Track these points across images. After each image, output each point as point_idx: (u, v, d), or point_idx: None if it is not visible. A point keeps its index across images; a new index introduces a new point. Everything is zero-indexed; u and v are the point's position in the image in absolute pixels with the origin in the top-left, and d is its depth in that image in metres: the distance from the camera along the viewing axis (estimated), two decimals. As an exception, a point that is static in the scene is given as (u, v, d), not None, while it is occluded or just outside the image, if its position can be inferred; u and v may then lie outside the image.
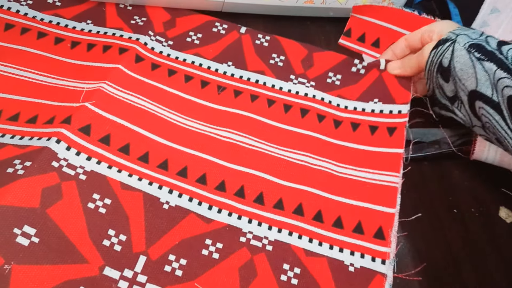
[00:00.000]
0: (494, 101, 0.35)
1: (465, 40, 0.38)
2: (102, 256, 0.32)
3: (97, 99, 0.38)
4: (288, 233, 0.37)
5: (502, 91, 0.34)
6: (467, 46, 0.37)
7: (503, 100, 0.34)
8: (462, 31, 0.39)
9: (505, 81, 0.34)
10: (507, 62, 0.35)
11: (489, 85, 0.35)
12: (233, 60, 0.45)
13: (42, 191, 0.32)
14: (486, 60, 0.36)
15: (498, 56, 0.35)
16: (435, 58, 0.40)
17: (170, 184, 0.36)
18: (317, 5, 0.49)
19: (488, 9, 0.49)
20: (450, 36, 0.39)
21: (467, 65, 0.37)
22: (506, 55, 0.35)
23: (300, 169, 0.40)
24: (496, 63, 0.35)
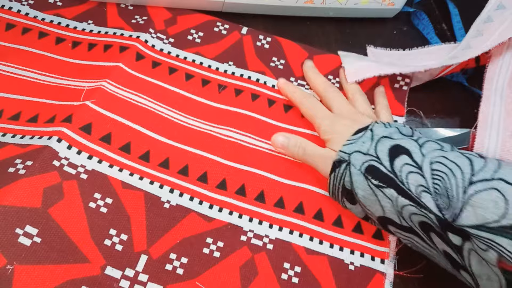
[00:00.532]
0: (406, 227, 0.32)
1: (359, 160, 0.34)
2: (104, 256, 0.32)
3: (97, 97, 0.39)
4: (289, 231, 0.37)
5: (410, 218, 0.31)
6: (363, 171, 0.33)
7: (414, 225, 0.32)
8: (352, 147, 0.35)
9: (410, 209, 0.31)
10: (405, 188, 0.31)
11: (395, 212, 0.32)
12: (233, 60, 0.45)
13: (43, 191, 0.32)
14: (385, 186, 0.32)
15: (394, 180, 0.32)
16: (336, 182, 0.36)
17: (171, 183, 0.37)
18: (317, 5, 0.49)
19: (495, 5, 0.48)
20: (343, 157, 0.35)
21: (368, 192, 0.33)
22: (401, 177, 0.31)
23: (301, 168, 0.40)
24: (395, 189, 0.32)
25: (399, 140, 0.34)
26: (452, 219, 0.29)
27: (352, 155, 0.35)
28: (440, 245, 0.31)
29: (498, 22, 0.46)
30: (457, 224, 0.29)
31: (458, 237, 0.29)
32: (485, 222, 0.27)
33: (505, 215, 0.27)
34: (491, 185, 0.28)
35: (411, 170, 0.31)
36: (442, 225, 0.29)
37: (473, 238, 0.28)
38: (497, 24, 0.46)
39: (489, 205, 0.27)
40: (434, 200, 0.30)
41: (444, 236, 0.30)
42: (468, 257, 0.29)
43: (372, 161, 0.33)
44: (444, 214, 0.29)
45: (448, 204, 0.29)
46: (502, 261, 0.27)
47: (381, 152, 0.33)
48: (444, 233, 0.30)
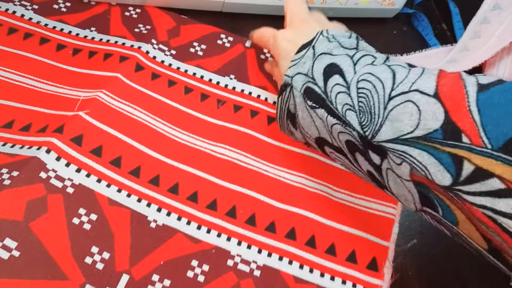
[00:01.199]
0: (337, 146, 0.33)
1: (300, 82, 0.34)
2: (84, 274, 0.31)
3: (92, 108, 0.38)
4: (278, 258, 0.35)
5: (338, 137, 0.32)
6: (302, 92, 0.34)
7: (342, 145, 0.32)
8: (295, 69, 0.35)
9: (337, 127, 0.31)
10: (332, 107, 0.31)
11: (326, 132, 0.33)
12: (235, 74, 0.44)
13: (26, 204, 0.32)
14: (318, 107, 0.33)
15: (325, 100, 0.32)
16: (282, 104, 0.36)
17: (159, 201, 0.36)
18: (317, 5, 0.49)
19: (491, 5, 0.47)
20: (287, 81, 0.35)
21: (305, 113, 0.34)
22: (331, 97, 0.32)
23: (295, 191, 0.39)
24: (325, 109, 0.32)
25: (336, 57, 0.33)
26: (372, 135, 0.29)
27: (294, 77, 0.35)
28: (364, 165, 0.31)
29: (496, 24, 0.45)
30: (376, 140, 0.29)
31: (377, 155, 0.29)
32: (400, 134, 0.27)
33: (418, 125, 0.27)
34: (408, 97, 0.28)
35: (340, 90, 0.31)
36: (364, 142, 0.30)
37: (389, 152, 0.28)
38: (495, 26, 0.45)
39: (404, 118, 0.27)
40: (358, 118, 0.30)
41: (367, 155, 0.30)
42: (386, 177, 0.30)
43: (309, 82, 0.34)
44: (365, 131, 0.29)
45: (369, 121, 0.29)
46: (413, 173, 0.27)
47: (316, 72, 0.33)
48: (366, 151, 0.30)
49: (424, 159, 0.26)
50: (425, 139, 0.26)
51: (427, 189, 0.27)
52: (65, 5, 0.46)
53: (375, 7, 0.50)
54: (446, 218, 0.27)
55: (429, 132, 0.26)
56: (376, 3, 0.50)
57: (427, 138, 0.26)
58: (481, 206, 0.24)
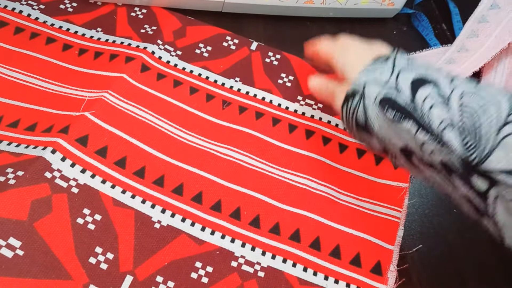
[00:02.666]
0: (427, 162, 0.29)
1: (374, 92, 0.30)
2: (87, 274, 0.31)
3: (97, 108, 0.38)
4: (282, 260, 0.35)
5: (431, 156, 0.28)
6: (378, 103, 0.30)
7: (435, 163, 0.28)
8: (367, 76, 0.31)
9: (430, 146, 0.28)
10: (424, 123, 0.28)
11: (416, 147, 0.29)
12: (240, 77, 0.44)
13: (31, 204, 0.32)
14: (402, 120, 0.29)
15: (413, 113, 0.28)
16: (349, 114, 0.33)
17: (164, 202, 0.36)
18: (317, 5, 0.49)
19: (488, 4, 0.47)
20: (357, 89, 0.32)
21: (385, 126, 0.30)
22: (422, 110, 0.28)
23: (300, 193, 0.39)
24: (414, 123, 0.28)
25: (425, 72, 0.30)
26: (478, 160, 0.26)
27: (367, 86, 0.31)
28: (462, 189, 0.28)
29: (494, 23, 0.45)
30: (484, 167, 0.25)
31: (484, 181, 0.26)
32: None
33: None
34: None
35: (435, 102, 0.28)
36: (466, 166, 0.26)
37: (502, 184, 0.25)
38: (493, 25, 0.45)
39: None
40: (460, 137, 0.26)
41: (467, 180, 0.27)
42: (493, 204, 0.26)
43: (390, 92, 0.30)
44: (471, 153, 0.26)
45: (476, 143, 0.26)
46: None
47: (402, 83, 0.29)
48: (468, 176, 0.26)
49: None
50: None
51: None
52: (72, 5, 0.46)
53: (375, 7, 0.51)
54: None
55: None
56: (376, 3, 0.50)
57: None
58: None
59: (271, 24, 0.50)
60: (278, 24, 0.50)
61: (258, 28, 0.49)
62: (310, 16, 0.51)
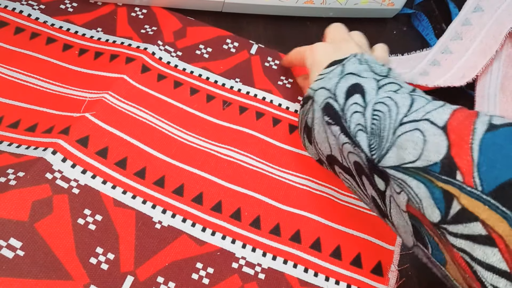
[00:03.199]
0: (346, 167, 0.32)
1: (321, 97, 0.34)
2: (88, 274, 0.31)
3: (98, 109, 0.38)
4: (283, 261, 0.35)
5: (348, 157, 0.31)
6: (322, 106, 0.33)
7: (351, 166, 0.31)
8: (320, 83, 0.35)
9: (347, 147, 0.31)
10: (345, 126, 0.31)
11: (338, 150, 0.32)
12: (240, 77, 0.44)
13: (32, 204, 0.32)
14: (333, 124, 0.32)
15: (341, 118, 0.32)
16: (302, 116, 0.36)
17: (164, 203, 0.36)
18: (317, 5, 0.49)
19: (472, 6, 0.47)
20: (310, 94, 0.35)
21: (321, 128, 0.34)
22: (346, 115, 0.31)
23: (300, 194, 0.39)
24: (339, 126, 0.31)
25: (362, 79, 0.33)
26: (378, 159, 0.28)
27: (317, 91, 0.34)
28: (369, 190, 0.30)
29: (477, 26, 0.45)
30: (381, 165, 0.28)
31: (381, 180, 0.28)
32: (403, 162, 0.26)
33: (420, 156, 0.26)
34: (417, 125, 0.27)
35: (357, 110, 0.31)
36: (370, 165, 0.29)
37: (391, 179, 0.27)
38: (476, 28, 0.45)
39: (409, 146, 0.26)
40: (368, 139, 0.29)
41: (372, 179, 0.29)
42: (389, 204, 0.29)
43: (330, 98, 0.33)
44: (373, 154, 0.29)
45: (378, 145, 0.29)
46: (409, 204, 0.26)
47: (339, 90, 0.33)
48: (372, 175, 0.29)
49: (420, 191, 0.25)
50: (425, 170, 0.25)
51: (420, 223, 0.26)
52: (72, 5, 0.46)
53: (375, 7, 0.51)
54: (435, 257, 0.26)
55: (429, 164, 0.25)
56: (376, 3, 0.50)
57: (426, 170, 0.25)
58: (460, 250, 0.23)
59: (271, 24, 0.50)
60: (278, 24, 0.50)
61: (258, 28, 0.49)
62: (310, 16, 0.51)
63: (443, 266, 0.26)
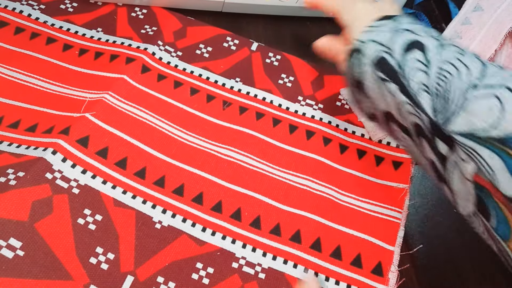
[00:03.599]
0: (403, 125, 0.30)
1: (372, 50, 0.31)
2: (88, 274, 0.31)
3: (98, 110, 0.38)
4: (283, 261, 0.35)
5: (407, 117, 0.29)
6: (372, 62, 0.31)
7: (409, 126, 0.30)
8: (370, 35, 0.32)
9: (407, 107, 0.29)
10: (405, 84, 0.29)
11: (395, 109, 0.30)
12: (241, 77, 0.44)
13: (32, 204, 0.32)
14: (389, 80, 0.30)
15: (399, 75, 0.29)
16: (349, 70, 0.34)
17: (164, 203, 0.36)
18: None
19: (472, 6, 0.47)
20: (357, 46, 0.33)
21: (375, 85, 0.31)
22: (407, 73, 0.29)
23: (301, 194, 0.39)
24: (398, 84, 0.29)
25: (420, 37, 0.30)
26: (443, 122, 0.26)
27: (366, 44, 0.32)
28: (428, 153, 0.29)
29: (477, 26, 0.45)
30: (447, 130, 0.26)
31: (445, 145, 0.27)
32: (474, 130, 0.25)
33: (497, 125, 0.24)
34: (494, 92, 0.25)
35: (419, 67, 0.29)
36: (433, 128, 0.27)
37: (458, 146, 0.26)
38: (476, 28, 0.45)
39: (483, 113, 0.25)
40: (432, 101, 0.27)
41: (433, 142, 0.28)
42: (452, 170, 0.27)
43: (384, 52, 0.31)
44: (437, 117, 0.27)
45: (443, 107, 0.27)
46: (478, 174, 0.25)
47: (396, 44, 0.30)
48: (433, 139, 0.27)
49: (494, 163, 0.24)
50: (502, 142, 0.24)
51: (488, 195, 0.25)
52: (72, 5, 0.46)
53: (374, 7, 0.51)
54: (499, 231, 0.25)
55: (508, 135, 0.23)
56: (376, 3, 0.50)
57: (504, 142, 0.23)
58: None
59: (271, 24, 0.50)
60: (278, 24, 0.50)
61: (258, 28, 0.49)
62: (310, 16, 0.51)
63: (504, 242, 0.25)
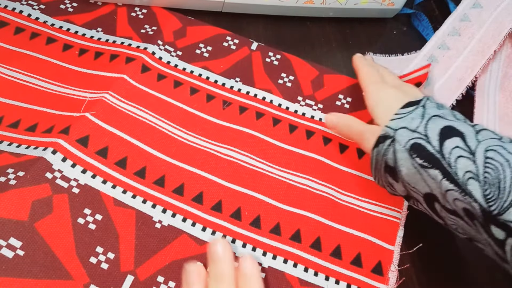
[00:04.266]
0: (450, 209, 0.31)
1: (405, 137, 0.32)
2: (88, 274, 0.31)
3: (98, 109, 0.38)
4: (283, 260, 0.35)
5: (454, 203, 0.30)
6: (408, 148, 0.32)
7: (458, 210, 0.30)
8: (400, 122, 0.33)
9: (454, 194, 0.29)
10: (451, 171, 0.29)
11: (439, 193, 0.31)
12: (241, 77, 0.44)
13: (32, 204, 0.32)
14: (430, 167, 0.30)
15: (441, 162, 0.30)
16: (379, 157, 0.34)
17: (164, 202, 0.36)
18: (317, 5, 0.49)
19: (471, 2, 0.47)
20: (388, 133, 0.33)
21: (412, 171, 0.32)
22: (449, 159, 0.30)
23: (301, 193, 0.39)
24: (440, 171, 0.30)
25: (453, 122, 0.32)
26: (498, 212, 0.27)
27: (398, 131, 0.33)
28: (483, 235, 0.29)
29: (477, 24, 0.45)
30: (503, 219, 0.27)
31: (501, 231, 0.27)
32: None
33: None
34: None
35: (462, 154, 0.29)
36: (486, 216, 0.28)
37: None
38: (476, 26, 0.45)
39: None
40: (482, 189, 0.28)
41: (487, 228, 0.28)
42: (510, 252, 0.27)
43: (420, 139, 0.31)
44: (491, 205, 0.27)
45: (497, 196, 0.27)
46: None
47: (431, 131, 0.31)
48: (487, 225, 0.28)
49: None
50: None
51: None
52: (72, 5, 0.46)
53: (375, 7, 0.51)
54: None
55: None
56: (376, 3, 0.50)
57: None
58: None
59: (271, 24, 0.50)
60: (278, 24, 0.50)
61: (258, 28, 0.49)
62: (310, 16, 0.51)
63: None
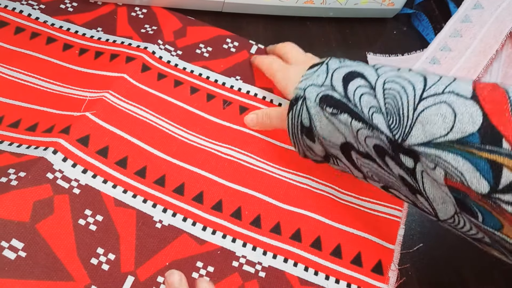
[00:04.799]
0: (364, 153, 0.31)
1: (314, 93, 0.33)
2: (89, 275, 0.31)
3: (98, 109, 0.38)
4: (284, 259, 0.35)
5: (366, 142, 0.30)
6: (318, 102, 0.33)
7: (370, 150, 0.30)
8: (307, 81, 0.34)
9: (364, 132, 0.30)
10: (357, 111, 0.30)
11: (352, 137, 0.31)
12: (241, 75, 0.44)
13: (33, 205, 0.32)
14: (339, 112, 0.31)
15: (347, 105, 0.31)
16: (294, 120, 0.35)
17: (165, 202, 0.36)
18: (317, 5, 0.49)
19: (472, 3, 0.47)
20: (299, 94, 0.34)
21: (325, 122, 0.33)
22: (354, 100, 0.31)
23: (301, 193, 0.39)
24: (349, 114, 0.31)
25: (355, 67, 0.33)
26: (402, 138, 0.28)
27: (307, 89, 0.34)
28: (396, 170, 0.30)
29: (478, 24, 0.45)
30: (407, 144, 0.27)
31: (409, 158, 0.28)
32: (433, 138, 0.26)
33: (453, 128, 0.25)
34: (441, 98, 0.27)
35: (364, 92, 0.30)
36: (393, 146, 0.28)
37: (422, 157, 0.27)
38: (477, 27, 0.45)
39: (437, 120, 0.26)
40: (386, 120, 0.29)
41: (397, 159, 0.29)
42: (421, 180, 0.28)
43: (327, 90, 0.33)
44: (395, 134, 0.28)
45: (399, 123, 0.28)
46: (448, 178, 0.26)
47: (335, 81, 0.33)
48: (397, 155, 0.28)
49: (459, 165, 0.25)
50: (461, 143, 0.25)
51: (464, 195, 0.26)
52: (72, 5, 0.46)
53: (375, 7, 0.51)
54: (488, 223, 0.26)
55: (465, 135, 0.25)
56: (376, 3, 0.50)
57: (463, 142, 0.25)
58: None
59: (271, 24, 0.50)
60: (278, 24, 0.50)
61: (258, 28, 0.49)
62: (310, 16, 0.51)
63: (497, 231, 0.26)
